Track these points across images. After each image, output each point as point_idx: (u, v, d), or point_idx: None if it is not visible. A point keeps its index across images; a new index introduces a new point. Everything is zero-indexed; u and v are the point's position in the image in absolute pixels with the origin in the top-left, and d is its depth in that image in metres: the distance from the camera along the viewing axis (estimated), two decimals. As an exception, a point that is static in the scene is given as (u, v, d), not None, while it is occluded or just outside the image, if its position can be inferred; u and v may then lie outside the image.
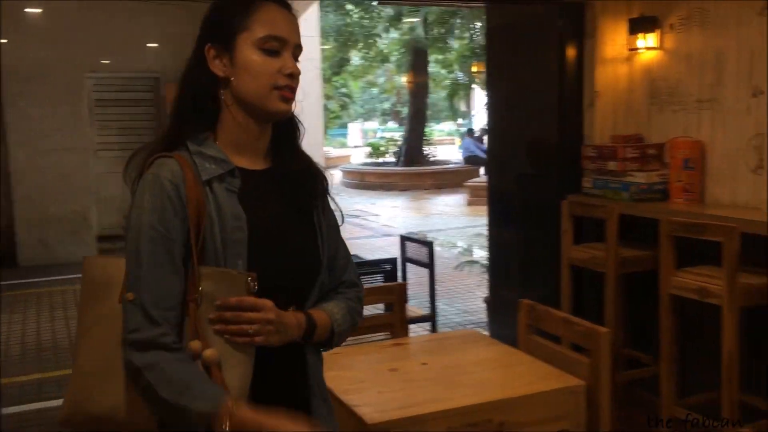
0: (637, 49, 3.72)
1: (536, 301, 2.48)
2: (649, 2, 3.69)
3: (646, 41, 3.66)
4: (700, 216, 3.10)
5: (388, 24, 15.49)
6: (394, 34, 17.16)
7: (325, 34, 16.03)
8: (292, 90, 1.33)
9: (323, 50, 15.75)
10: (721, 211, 3.21)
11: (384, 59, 18.48)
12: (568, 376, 2.06)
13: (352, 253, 1.54)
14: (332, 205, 1.46)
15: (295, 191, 1.38)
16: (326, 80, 18.53)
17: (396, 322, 2.62)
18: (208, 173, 1.29)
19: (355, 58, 19.38)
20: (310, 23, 9.30)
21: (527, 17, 4.18)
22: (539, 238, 4.18)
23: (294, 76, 1.32)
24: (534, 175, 4.24)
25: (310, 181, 1.41)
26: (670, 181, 3.51)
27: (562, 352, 2.22)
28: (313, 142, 9.38)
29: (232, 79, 1.31)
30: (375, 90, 24.92)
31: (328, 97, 21.13)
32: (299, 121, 1.42)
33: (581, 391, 2.00)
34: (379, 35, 16.70)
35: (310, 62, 9.39)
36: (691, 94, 3.51)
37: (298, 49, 1.34)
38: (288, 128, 1.41)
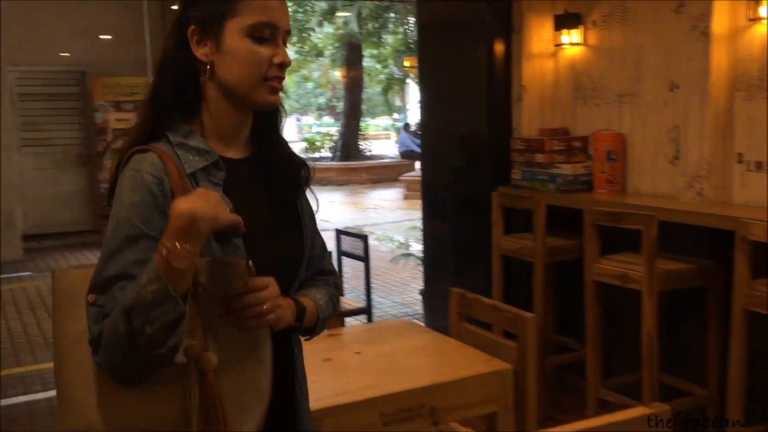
0: (561, 44, 3.84)
1: (469, 291, 2.55)
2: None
3: (570, 37, 3.78)
4: (622, 205, 3.23)
5: (321, 18, 15.44)
6: (328, 29, 17.12)
7: (258, 28, 15.90)
8: (281, 80, 1.26)
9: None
10: (641, 200, 3.36)
11: (318, 54, 18.41)
12: (496, 361, 2.14)
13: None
14: (307, 194, 1.41)
15: (279, 180, 1.33)
16: (260, 75, 18.36)
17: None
18: (191, 166, 1.21)
19: (290, 52, 19.25)
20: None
21: (457, 13, 4.26)
22: (472, 229, 4.28)
23: (285, 66, 1.25)
24: (466, 168, 4.33)
25: (294, 169, 1.36)
26: (594, 173, 3.65)
27: (491, 338, 2.30)
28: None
29: (215, 65, 1.23)
30: (310, 84, 24.80)
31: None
32: (282, 107, 1.34)
33: (509, 375, 2.07)
34: (312, 29, 16.62)
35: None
36: (613, 88, 3.65)
37: (287, 34, 1.28)
38: (269, 114, 1.34)
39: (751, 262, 2.57)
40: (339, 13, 15.31)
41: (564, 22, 3.79)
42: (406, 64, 16.90)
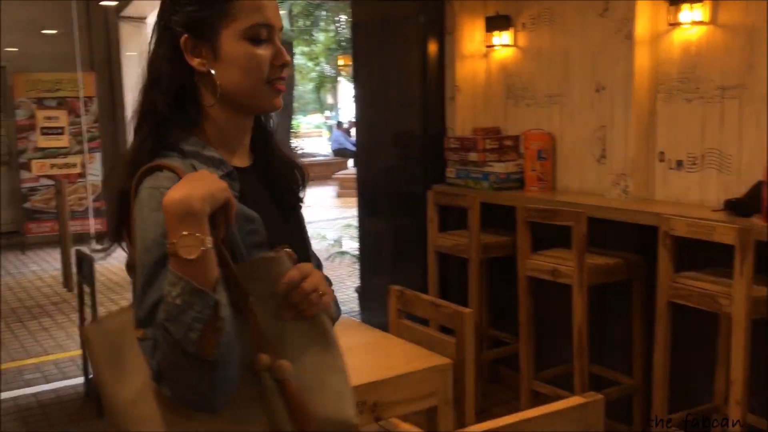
0: (493, 46, 3.93)
1: (411, 288, 2.58)
2: (504, 1, 3.91)
3: (501, 39, 3.88)
4: (552, 203, 3.34)
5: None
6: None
7: (186, 24, 15.61)
8: (284, 81, 1.22)
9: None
10: (570, 197, 3.48)
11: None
12: (436, 356, 2.18)
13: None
14: None
15: (283, 188, 1.30)
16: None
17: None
18: (217, 171, 1.16)
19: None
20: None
21: (390, 13, 4.30)
22: (407, 227, 4.33)
23: (286, 66, 1.20)
24: (401, 167, 4.38)
25: (295, 174, 1.33)
26: (525, 171, 3.75)
27: (430, 333, 2.35)
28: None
29: (213, 73, 1.17)
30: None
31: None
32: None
33: (448, 369, 2.12)
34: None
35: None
36: (543, 89, 3.76)
37: (280, 32, 1.22)
38: (263, 117, 1.30)
39: (674, 256, 2.70)
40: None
41: (495, 23, 3.88)
42: (340, 62, 16.88)
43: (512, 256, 3.43)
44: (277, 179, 1.29)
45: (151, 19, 8.68)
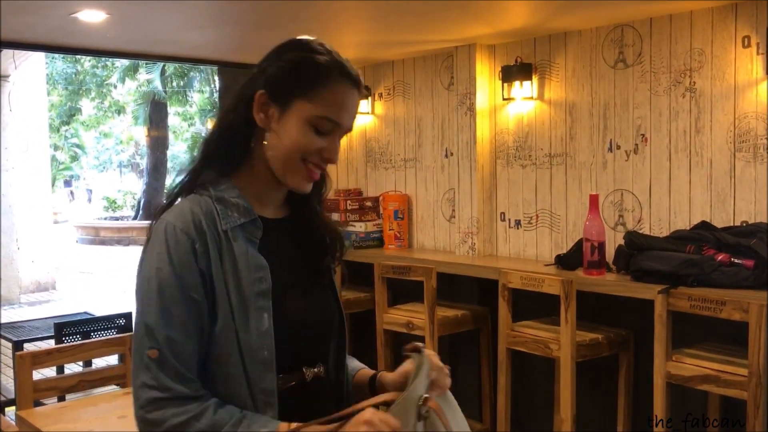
0: (353, 113, 4.19)
1: None
2: (362, 73, 4.20)
3: (360, 107, 4.15)
4: (406, 259, 3.57)
5: (123, 74, 15.06)
6: (131, 84, 16.71)
7: (52, 82, 15.13)
8: (320, 170, 1.25)
9: (50, 99, 14.83)
10: (425, 254, 3.73)
11: (119, 110, 17.85)
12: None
13: (84, 309, 1.56)
14: None
15: (314, 244, 1.33)
16: (54, 130, 17.38)
17: (127, 373, 2.66)
18: (229, 222, 1.21)
19: (89, 107, 18.48)
20: (35, 70, 8.81)
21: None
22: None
23: (330, 162, 1.25)
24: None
25: (331, 236, 1.36)
26: (384, 230, 3.99)
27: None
28: (41, 195, 8.82)
29: (267, 133, 1.23)
30: (111, 141, 23.81)
31: (57, 148, 19.77)
32: (327, 174, 1.33)
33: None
34: (114, 85, 16.14)
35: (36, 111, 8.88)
36: (399, 153, 4.05)
37: (348, 130, 1.26)
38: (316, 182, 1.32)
39: (512, 306, 2.98)
40: (142, 70, 15.04)
41: (354, 93, 4.14)
42: (209, 125, 16.88)
43: (374, 311, 3.62)
44: (312, 236, 1.33)
45: (15, 77, 8.44)
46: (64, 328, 3.77)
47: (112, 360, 3.45)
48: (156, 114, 16.26)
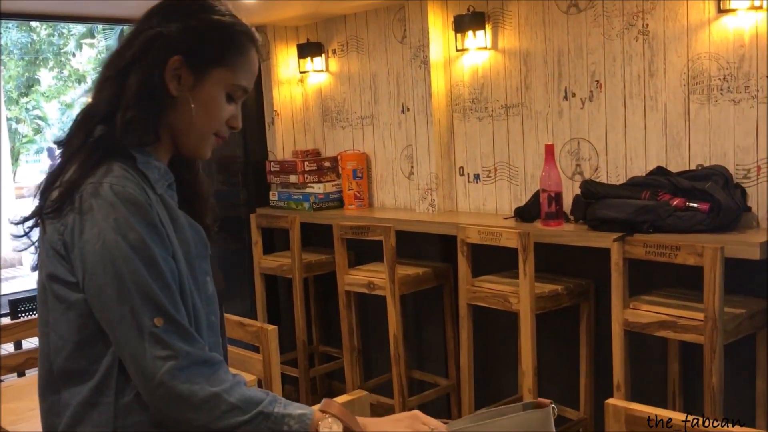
0: (306, 71, 4.08)
1: (239, 312, 2.60)
2: (314, 29, 4.07)
3: (314, 65, 4.03)
4: (365, 219, 3.51)
5: (78, 41, 14.63)
6: (90, 52, 16.26)
7: (7, 52, 14.68)
8: (223, 140, 1.26)
9: (6, 70, 14.40)
10: (385, 213, 3.67)
11: (80, 79, 17.39)
12: (241, 374, 2.24)
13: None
14: None
15: (196, 204, 1.34)
16: (14, 102, 16.92)
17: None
18: (160, 186, 1.18)
19: (48, 77, 17.98)
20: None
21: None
22: (237, 251, 4.36)
23: (235, 129, 1.26)
24: (226, 192, 4.41)
25: (209, 206, 1.38)
26: (343, 190, 3.91)
27: (238, 352, 2.40)
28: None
29: (177, 102, 1.17)
30: (75, 111, 23.32)
31: (18, 120, 19.26)
32: None
33: (253, 385, 2.19)
34: (72, 53, 15.70)
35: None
36: (355, 111, 3.95)
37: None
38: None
39: (471, 262, 2.94)
40: (99, 36, 14.62)
41: (307, 50, 4.03)
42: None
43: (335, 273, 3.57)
44: (198, 202, 1.34)
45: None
46: (19, 304, 3.69)
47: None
48: (117, 81, 15.86)
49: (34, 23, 14.10)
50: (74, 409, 1.14)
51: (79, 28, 14.24)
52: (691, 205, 2.53)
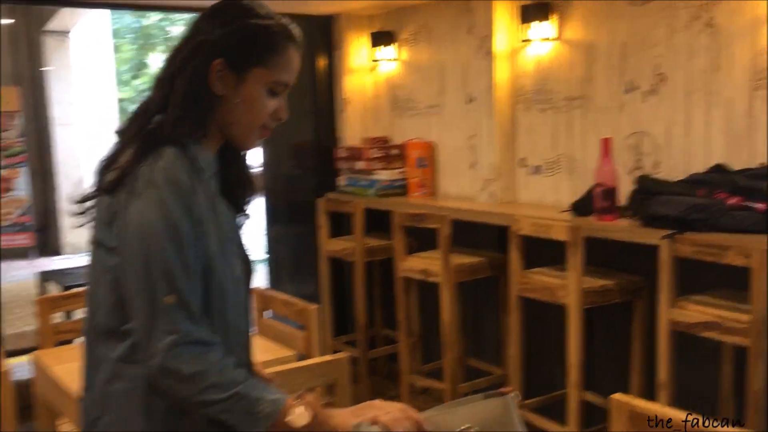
0: (378, 60, 4.16)
1: (307, 292, 2.73)
2: (386, 18, 4.14)
3: (385, 53, 4.10)
4: (424, 207, 3.56)
5: (186, 26, 15.26)
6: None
7: (119, 36, 15.50)
8: (271, 131, 1.35)
9: (119, 54, 15.21)
10: (447, 202, 3.71)
11: (186, 62, 18.11)
12: (284, 349, 2.37)
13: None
14: None
15: (239, 196, 1.41)
16: (125, 83, 17.86)
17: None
18: (205, 173, 1.28)
19: (157, 61, 18.86)
20: (98, 25, 9.07)
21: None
22: (306, 234, 4.51)
23: (282, 120, 1.34)
24: (298, 177, 4.57)
25: (249, 187, 1.44)
26: (408, 178, 3.98)
27: (283, 329, 2.53)
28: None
29: (225, 100, 1.29)
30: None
31: (131, 102, 20.32)
32: None
33: (292, 360, 2.31)
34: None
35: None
36: (423, 100, 4.00)
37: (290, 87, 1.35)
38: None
39: (522, 254, 2.95)
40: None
41: (379, 39, 4.10)
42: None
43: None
44: (238, 188, 1.40)
45: (74, 33, 8.71)
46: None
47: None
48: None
49: (143, 10, 14.81)
50: (111, 364, 1.26)
51: (186, 16, 14.86)
52: (749, 204, 2.45)
